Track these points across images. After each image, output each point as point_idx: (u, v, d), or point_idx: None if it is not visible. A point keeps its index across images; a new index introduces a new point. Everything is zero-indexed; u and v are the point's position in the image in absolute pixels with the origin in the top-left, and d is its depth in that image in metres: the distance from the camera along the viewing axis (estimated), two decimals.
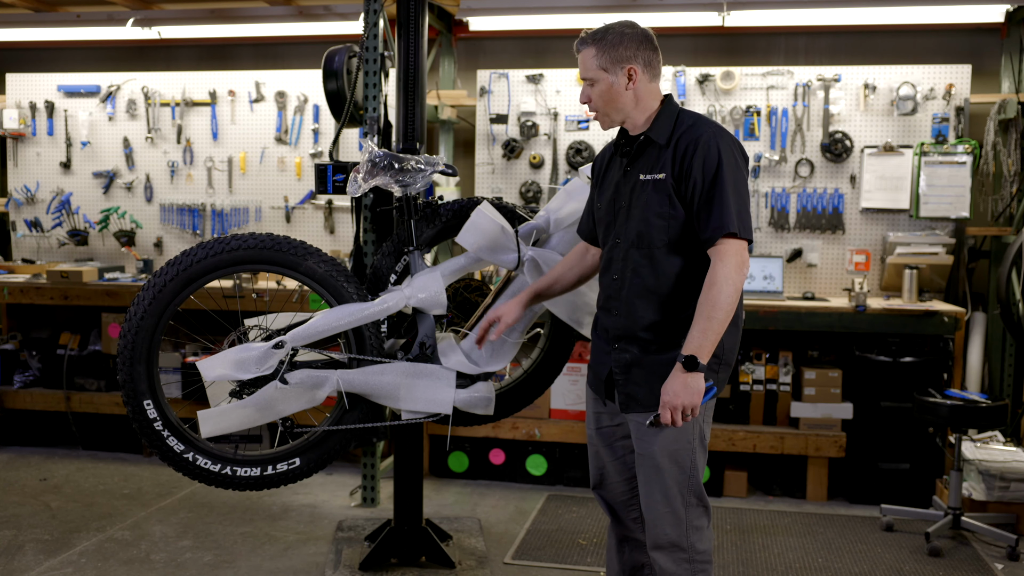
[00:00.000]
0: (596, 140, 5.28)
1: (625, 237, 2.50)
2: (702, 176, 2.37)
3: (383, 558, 3.71)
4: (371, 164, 3.24)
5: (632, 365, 2.50)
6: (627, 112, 2.51)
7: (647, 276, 2.46)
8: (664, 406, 2.34)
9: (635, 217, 2.47)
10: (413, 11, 3.60)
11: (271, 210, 5.61)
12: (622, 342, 2.52)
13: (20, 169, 5.87)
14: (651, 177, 2.45)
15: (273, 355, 3.12)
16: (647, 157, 2.49)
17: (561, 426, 4.81)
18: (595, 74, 2.49)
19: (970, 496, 4.31)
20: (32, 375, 5.56)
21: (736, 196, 2.36)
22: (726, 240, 2.34)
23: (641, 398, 2.49)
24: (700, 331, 2.32)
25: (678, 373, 2.33)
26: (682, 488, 2.47)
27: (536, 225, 3.26)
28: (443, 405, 3.26)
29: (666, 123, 2.48)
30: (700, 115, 2.51)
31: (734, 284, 2.32)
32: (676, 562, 2.48)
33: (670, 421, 2.34)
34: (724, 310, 2.31)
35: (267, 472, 3.24)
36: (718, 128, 2.45)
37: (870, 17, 5.00)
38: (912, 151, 4.95)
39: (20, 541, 4.03)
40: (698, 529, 2.50)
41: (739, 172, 2.41)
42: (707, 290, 2.33)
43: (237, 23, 5.45)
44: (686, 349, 2.33)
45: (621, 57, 2.47)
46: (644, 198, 2.45)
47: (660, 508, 2.48)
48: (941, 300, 4.91)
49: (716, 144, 2.39)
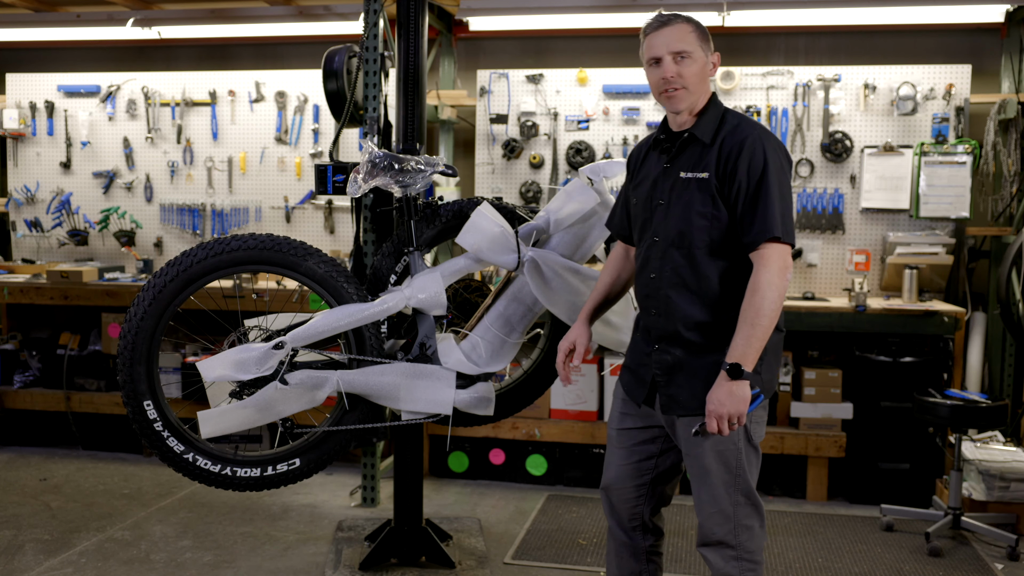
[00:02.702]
0: (596, 140, 5.28)
1: (664, 236, 2.45)
2: (747, 178, 2.34)
3: (383, 558, 3.72)
4: (371, 165, 3.24)
5: (674, 367, 2.46)
6: (696, 98, 2.45)
7: (687, 276, 2.42)
8: (710, 415, 2.32)
9: (675, 215, 2.43)
10: (413, 11, 3.60)
11: (271, 210, 5.61)
12: (664, 343, 2.48)
13: (20, 169, 5.87)
14: (693, 175, 2.41)
15: (273, 356, 3.12)
16: (689, 155, 2.44)
17: (561, 426, 4.81)
18: (693, 48, 2.41)
19: (970, 496, 4.31)
20: (32, 375, 5.56)
21: (781, 200, 2.33)
22: (769, 245, 2.31)
23: (683, 400, 2.44)
24: (744, 338, 2.29)
25: (723, 381, 2.30)
26: (728, 488, 2.44)
27: (536, 226, 3.27)
28: (443, 406, 3.26)
29: (711, 121, 2.44)
30: (745, 116, 2.49)
31: (778, 289, 2.29)
32: (725, 559, 2.47)
33: (716, 430, 2.32)
34: (768, 316, 2.29)
35: (267, 473, 3.25)
36: (764, 130, 2.42)
37: (870, 17, 5.00)
38: (912, 151, 4.95)
39: (20, 541, 4.03)
40: (748, 528, 2.47)
41: (784, 176, 2.37)
42: (750, 296, 2.31)
43: (237, 23, 5.45)
44: (730, 357, 2.30)
45: (710, 43, 2.46)
46: (686, 196, 2.41)
47: (708, 508, 2.47)
48: (941, 300, 4.91)
49: (763, 146, 2.35)
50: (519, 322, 3.33)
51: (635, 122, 5.25)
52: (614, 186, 5.23)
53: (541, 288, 3.18)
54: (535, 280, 3.17)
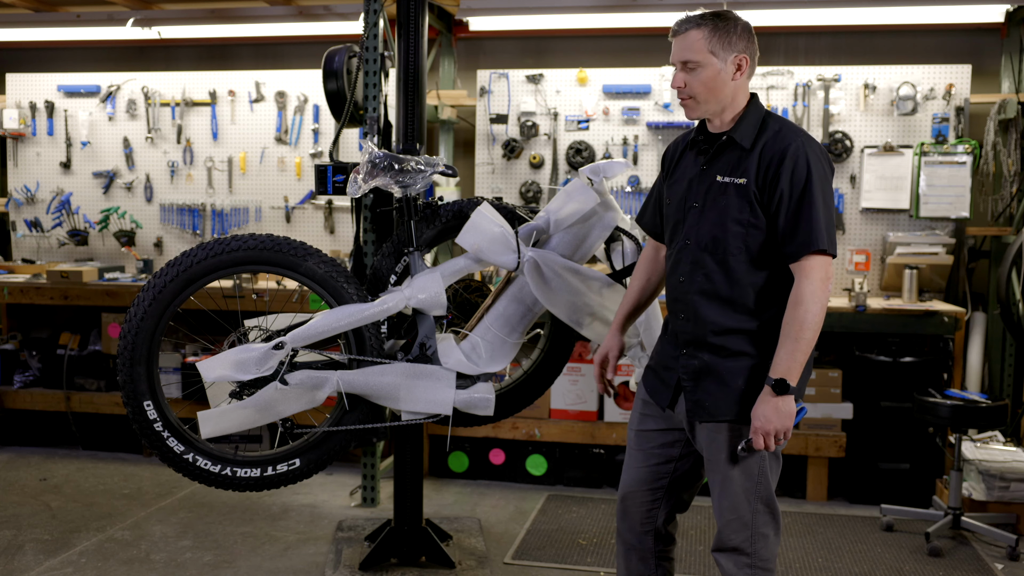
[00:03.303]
0: (596, 140, 5.28)
1: (696, 239, 2.39)
2: (790, 188, 2.27)
3: (383, 558, 3.72)
4: (371, 165, 3.24)
5: (701, 372, 2.41)
6: (724, 104, 2.38)
7: (718, 282, 2.36)
8: (756, 432, 2.28)
9: (709, 220, 2.37)
10: (413, 11, 3.60)
11: (271, 210, 5.61)
12: (691, 347, 2.43)
13: (20, 169, 5.87)
14: (731, 180, 2.34)
15: (273, 356, 3.12)
16: (727, 158, 2.37)
17: (561, 426, 4.81)
18: (703, 57, 2.33)
19: (970, 496, 4.31)
20: (32, 375, 5.56)
21: (825, 210, 2.27)
22: (812, 256, 2.26)
23: (709, 406, 2.40)
24: (788, 353, 2.25)
25: (768, 397, 2.27)
26: (749, 495, 2.41)
27: (536, 226, 3.26)
28: (443, 406, 3.26)
29: (751, 125, 2.37)
30: (787, 120, 2.41)
31: (821, 302, 2.25)
32: (738, 566, 2.44)
33: (763, 446, 2.29)
34: (812, 329, 2.24)
35: (267, 473, 3.25)
36: (807, 137, 2.35)
37: (870, 17, 5.00)
38: (912, 151, 4.95)
39: (20, 541, 4.03)
40: (764, 536, 2.43)
41: (827, 184, 2.31)
42: (793, 309, 2.26)
43: (237, 23, 5.45)
44: (775, 372, 2.26)
45: (734, 45, 2.35)
46: (723, 202, 2.35)
47: (727, 515, 2.43)
48: (941, 300, 4.91)
49: (806, 154, 2.28)
50: (519, 322, 3.33)
51: (635, 122, 5.25)
52: (614, 186, 5.25)
53: (541, 288, 3.18)
54: (535, 280, 3.17)
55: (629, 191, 5.26)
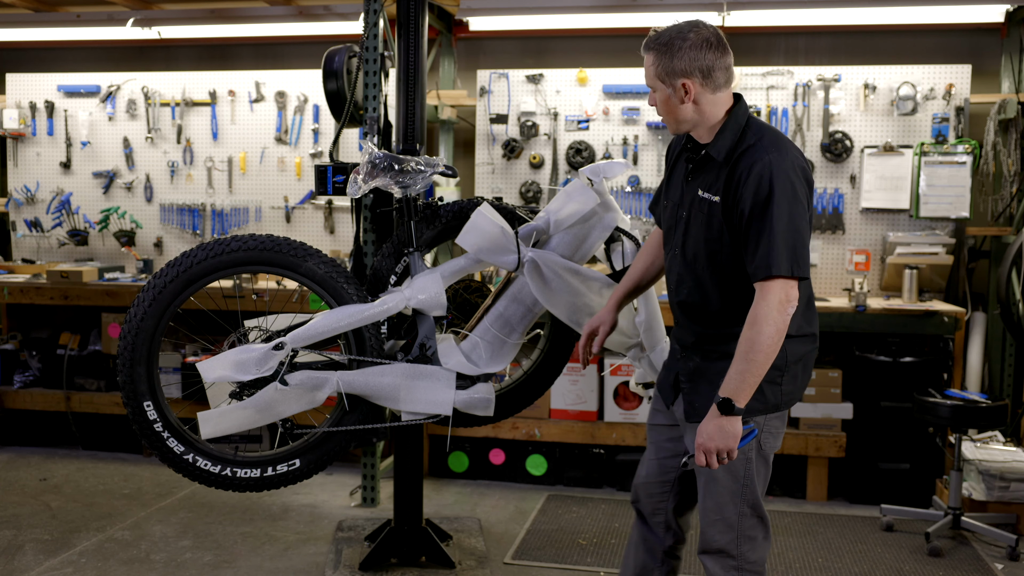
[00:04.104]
0: (596, 140, 5.28)
1: (683, 251, 2.44)
2: (751, 207, 2.23)
3: (383, 558, 3.72)
4: (371, 165, 3.24)
5: (695, 374, 2.45)
6: (692, 122, 2.37)
7: (702, 294, 2.40)
8: (698, 448, 2.28)
9: (692, 235, 2.40)
10: (413, 11, 3.60)
11: (271, 210, 5.61)
12: (687, 351, 2.49)
13: (20, 169, 5.87)
14: (708, 197, 2.34)
15: (273, 356, 3.12)
16: (708, 172, 2.37)
17: (561, 426, 4.81)
18: (652, 83, 2.36)
19: (970, 496, 4.31)
20: (32, 375, 5.56)
21: (788, 232, 2.20)
22: (771, 280, 2.21)
23: (699, 407, 2.41)
24: (738, 373, 2.23)
25: (713, 416, 2.25)
26: (735, 498, 2.42)
27: (536, 226, 3.26)
28: (443, 406, 3.26)
29: (728, 138, 2.33)
30: (767, 130, 2.34)
31: (775, 324, 2.20)
32: (724, 569, 2.45)
33: (704, 464, 2.28)
34: (763, 351, 2.20)
35: (267, 473, 3.25)
36: (780, 150, 2.27)
37: (870, 17, 5.00)
38: (912, 151, 4.95)
39: (20, 541, 4.04)
40: (751, 539, 2.44)
41: (796, 204, 2.23)
42: (747, 329, 2.23)
43: (237, 23, 5.45)
44: (723, 391, 2.24)
45: (676, 70, 2.30)
46: (700, 218, 2.36)
47: (712, 515, 2.45)
48: (941, 300, 4.91)
49: (771, 172, 2.22)
50: (519, 323, 3.32)
51: (635, 122, 5.25)
52: (614, 186, 5.25)
53: (541, 289, 3.18)
54: (535, 281, 3.17)
55: (629, 191, 5.26)
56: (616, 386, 4.79)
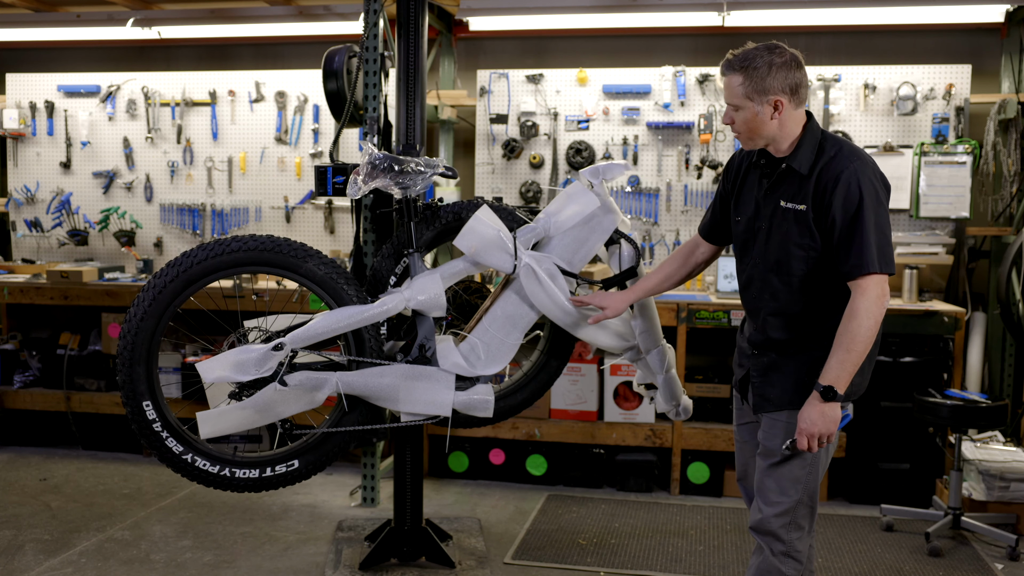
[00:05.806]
0: (596, 140, 5.28)
1: (764, 260, 2.56)
2: (842, 213, 2.40)
3: (383, 558, 3.72)
4: (371, 166, 3.24)
5: (769, 368, 2.59)
6: (771, 138, 2.52)
7: (785, 300, 2.53)
8: (801, 433, 2.45)
9: (774, 243, 2.53)
10: (413, 11, 3.61)
11: (271, 210, 5.61)
12: (761, 348, 2.62)
13: (20, 169, 5.87)
14: (792, 207, 2.48)
15: (272, 357, 3.12)
16: (789, 184, 2.51)
17: (561, 426, 4.81)
18: (740, 102, 2.48)
19: (970, 496, 4.31)
20: (32, 375, 5.56)
21: (877, 233, 2.39)
22: (866, 276, 2.39)
23: (772, 398, 2.57)
24: (838, 362, 2.40)
25: (815, 402, 2.43)
26: (796, 485, 2.55)
27: (535, 229, 3.26)
28: (442, 407, 3.26)
29: (808, 151, 2.49)
30: (843, 142, 2.50)
31: (874, 317, 2.38)
32: (774, 552, 2.57)
33: (806, 447, 2.45)
34: (863, 342, 2.38)
35: (266, 474, 3.25)
36: (861, 160, 2.45)
37: (870, 17, 5.00)
38: (912, 151, 4.95)
39: (20, 541, 4.04)
40: (800, 528, 2.57)
41: (880, 207, 2.42)
42: (847, 322, 2.40)
43: (237, 23, 5.45)
44: (824, 379, 2.41)
45: (768, 88, 2.45)
46: (785, 227, 2.50)
47: (772, 496, 2.56)
48: (941, 300, 4.91)
49: (857, 179, 2.40)
50: (518, 324, 3.32)
51: (635, 122, 5.25)
52: (614, 187, 5.25)
53: (536, 292, 3.18)
54: (531, 284, 3.17)
55: (629, 191, 5.26)
56: (616, 386, 4.79)
